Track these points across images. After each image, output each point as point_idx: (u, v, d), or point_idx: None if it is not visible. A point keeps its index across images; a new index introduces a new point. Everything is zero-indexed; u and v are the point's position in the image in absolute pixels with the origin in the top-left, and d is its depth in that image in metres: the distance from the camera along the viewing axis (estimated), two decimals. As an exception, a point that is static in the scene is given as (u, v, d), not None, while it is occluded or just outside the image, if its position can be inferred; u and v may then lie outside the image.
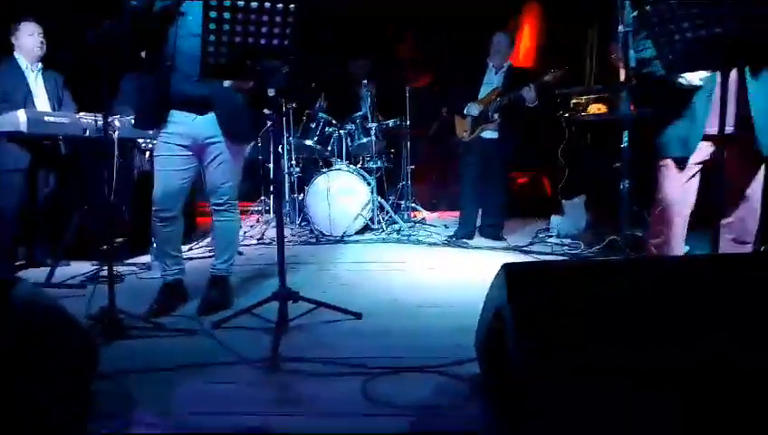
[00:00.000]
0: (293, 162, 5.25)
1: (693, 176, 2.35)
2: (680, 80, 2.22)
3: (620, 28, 2.30)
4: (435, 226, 5.22)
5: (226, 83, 2.48)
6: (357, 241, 4.57)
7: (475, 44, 6.34)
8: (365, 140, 5.00)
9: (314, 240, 4.61)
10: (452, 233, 4.60)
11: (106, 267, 2.37)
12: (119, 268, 3.41)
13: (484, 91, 4.41)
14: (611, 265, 1.62)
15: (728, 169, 2.31)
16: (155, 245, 2.97)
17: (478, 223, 4.62)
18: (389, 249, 4.27)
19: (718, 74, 2.03)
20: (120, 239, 3.71)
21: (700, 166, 2.32)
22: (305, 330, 2.41)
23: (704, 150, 2.28)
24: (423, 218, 5.54)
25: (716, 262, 1.54)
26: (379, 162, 5.13)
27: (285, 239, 4.62)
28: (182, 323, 2.50)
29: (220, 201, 2.66)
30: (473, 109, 4.35)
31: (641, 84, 2.42)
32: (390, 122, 5.27)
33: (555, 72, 3.95)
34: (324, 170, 4.84)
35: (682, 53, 2.03)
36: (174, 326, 2.43)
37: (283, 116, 5.07)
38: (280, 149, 5.24)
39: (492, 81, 4.41)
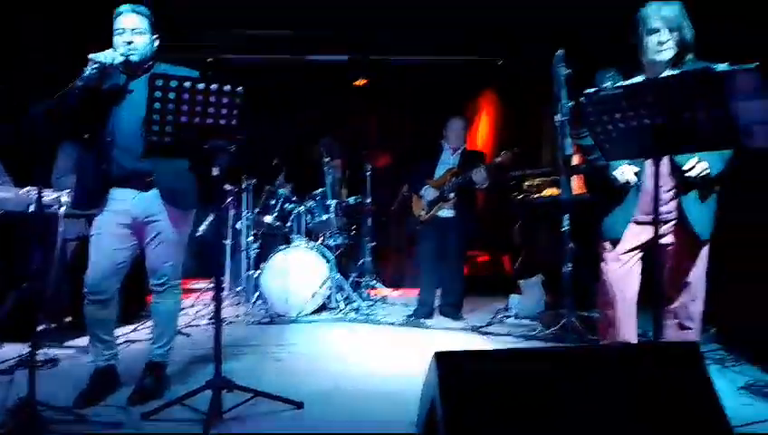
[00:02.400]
0: (251, 239, 5.18)
1: (631, 260, 2.37)
2: (615, 175, 2.30)
3: (557, 117, 2.39)
4: (395, 304, 5.14)
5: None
6: (312, 321, 4.44)
7: (434, 127, 6.61)
8: (325, 216, 4.98)
9: (268, 320, 4.46)
10: (411, 312, 4.52)
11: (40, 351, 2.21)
12: (55, 351, 3.21)
13: (439, 172, 4.50)
14: (540, 354, 1.58)
15: (669, 254, 2.35)
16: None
17: (438, 302, 4.57)
18: (344, 330, 4.15)
19: (649, 163, 2.10)
20: (67, 319, 3.52)
21: (638, 251, 2.35)
22: (241, 421, 2.25)
23: (639, 236, 2.32)
24: (384, 297, 5.45)
25: (626, 352, 1.54)
26: (339, 239, 5.09)
27: (238, 319, 4.57)
28: (109, 414, 2.32)
29: (159, 282, 2.55)
30: (428, 192, 4.42)
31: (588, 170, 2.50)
32: (351, 199, 5.30)
33: (506, 153, 4.07)
34: (282, 247, 4.77)
35: (617, 143, 2.10)
36: (99, 419, 2.25)
37: (241, 192, 5.05)
38: (238, 225, 5.20)
39: (448, 161, 4.52)
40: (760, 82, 1.77)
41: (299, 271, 4.63)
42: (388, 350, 3.54)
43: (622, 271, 2.33)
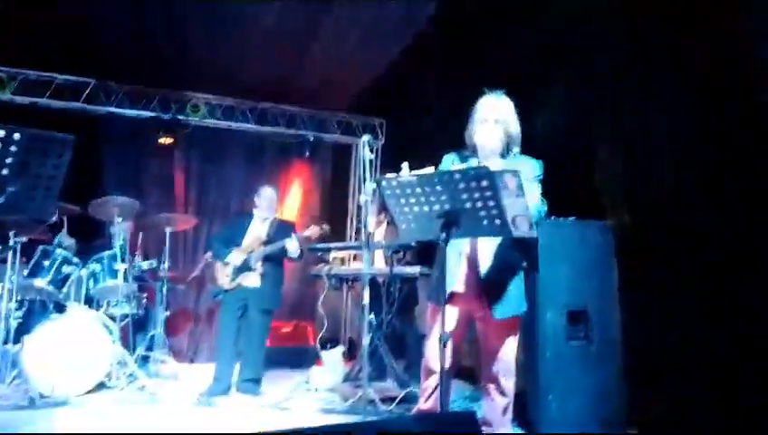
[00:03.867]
0: (15, 306, 4.38)
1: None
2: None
3: (362, 197, 2.56)
4: (189, 381, 4.72)
5: None
6: (86, 404, 3.84)
7: (241, 193, 6.54)
8: (111, 282, 4.47)
9: (27, 403, 3.73)
10: (204, 390, 4.19)
11: None
12: None
13: (247, 240, 4.41)
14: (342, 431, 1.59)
15: (481, 331, 2.55)
16: None
17: (235, 378, 4.31)
18: (125, 413, 3.66)
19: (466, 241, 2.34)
20: None
21: (455, 326, 2.45)
22: None
23: (455, 312, 2.46)
24: (175, 373, 4.98)
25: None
26: (126, 308, 4.58)
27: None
28: None
29: None
30: (235, 258, 4.28)
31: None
32: (145, 264, 4.87)
33: (315, 228, 4.18)
34: (54, 317, 4.13)
35: (413, 224, 2.31)
36: None
37: (6, 249, 4.30)
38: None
39: (257, 230, 4.45)
40: (521, 183, 2.12)
41: (72, 344, 4.02)
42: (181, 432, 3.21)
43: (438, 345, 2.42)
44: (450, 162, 2.63)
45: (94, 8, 4.79)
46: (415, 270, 4.07)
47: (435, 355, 2.45)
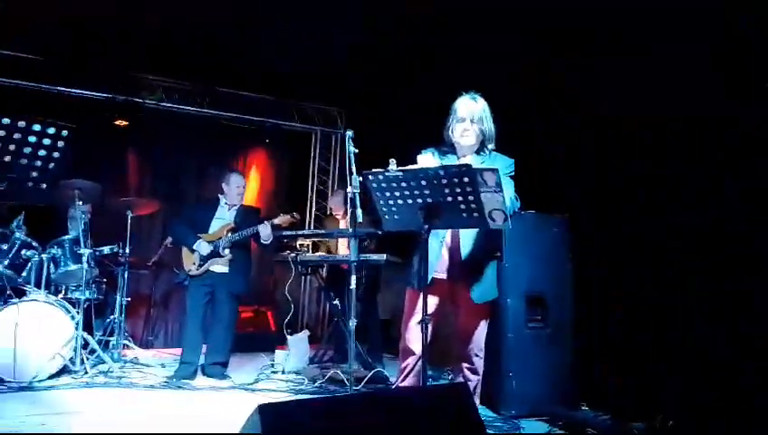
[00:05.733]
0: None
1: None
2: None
3: (349, 190, 2.71)
4: (151, 365, 4.74)
5: None
6: (51, 387, 3.81)
7: (204, 179, 6.50)
8: (74, 267, 4.41)
9: (-11, 389, 3.68)
10: (171, 374, 4.24)
11: None
12: None
13: (215, 226, 4.45)
14: (357, 399, 1.76)
15: (456, 314, 2.76)
16: None
17: (201, 361, 4.38)
18: (92, 396, 3.67)
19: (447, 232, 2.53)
20: None
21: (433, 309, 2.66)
22: None
23: (432, 296, 2.65)
24: (136, 357, 4.97)
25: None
26: (87, 293, 4.53)
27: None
28: None
29: None
30: (203, 247, 4.32)
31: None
32: (106, 249, 4.81)
33: (286, 215, 4.27)
34: (13, 301, 4.05)
35: (396, 215, 2.49)
36: None
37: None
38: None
39: (224, 216, 4.50)
40: (499, 180, 2.34)
41: (34, 328, 3.98)
42: (153, 415, 3.26)
43: (416, 328, 2.60)
44: (430, 157, 2.82)
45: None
46: (381, 257, 4.25)
47: (414, 337, 2.67)
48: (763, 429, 2.56)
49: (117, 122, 6.21)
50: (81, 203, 4.48)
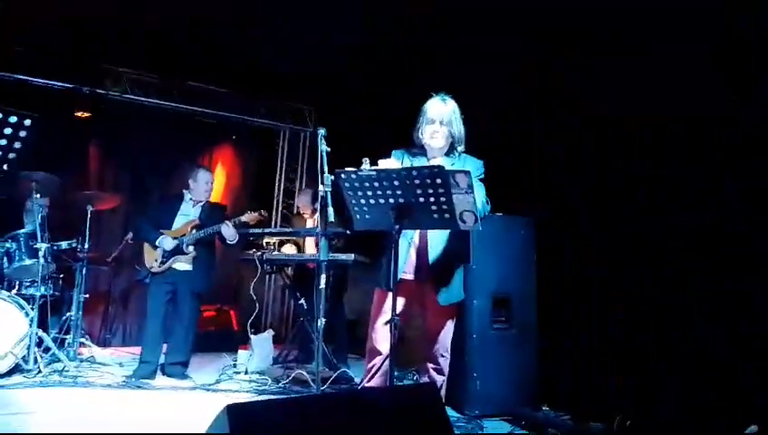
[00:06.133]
0: None
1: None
2: None
3: (321, 188, 2.69)
4: (108, 364, 4.59)
5: None
6: (1, 387, 3.65)
7: (164, 174, 6.34)
8: (29, 261, 4.25)
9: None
10: (130, 373, 4.12)
11: None
12: None
13: (179, 223, 4.35)
14: (326, 399, 1.75)
15: (424, 315, 2.76)
16: None
17: (162, 360, 4.27)
18: (47, 395, 3.53)
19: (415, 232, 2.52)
20: None
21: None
22: None
23: (399, 296, 2.65)
24: (92, 356, 4.81)
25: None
26: (43, 289, 4.36)
27: None
28: None
29: None
30: (166, 242, 4.21)
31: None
32: (64, 244, 4.65)
33: (254, 213, 4.20)
34: (-37, 297, 3.87)
35: (367, 214, 2.48)
36: None
37: None
38: None
39: (188, 212, 4.40)
40: (471, 182, 2.36)
41: (-15, 326, 3.81)
42: (111, 415, 3.17)
43: (384, 328, 2.59)
44: (400, 158, 2.82)
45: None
46: (349, 257, 4.23)
47: (382, 337, 2.66)
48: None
49: (78, 114, 6.00)
50: (38, 196, 4.32)
